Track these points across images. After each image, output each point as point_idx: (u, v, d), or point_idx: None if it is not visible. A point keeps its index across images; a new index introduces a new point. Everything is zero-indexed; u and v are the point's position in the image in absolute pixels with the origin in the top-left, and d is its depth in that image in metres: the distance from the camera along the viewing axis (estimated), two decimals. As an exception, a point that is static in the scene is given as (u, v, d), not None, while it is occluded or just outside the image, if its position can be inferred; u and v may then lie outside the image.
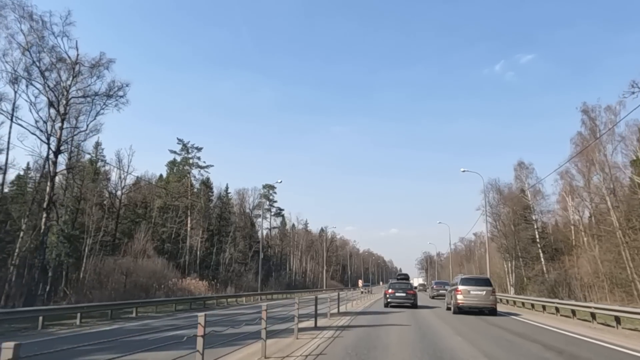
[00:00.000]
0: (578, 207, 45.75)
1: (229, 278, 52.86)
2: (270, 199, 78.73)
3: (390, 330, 13.05)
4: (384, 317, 18.33)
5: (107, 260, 34.33)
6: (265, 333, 8.03)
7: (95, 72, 22.09)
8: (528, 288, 44.94)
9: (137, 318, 19.09)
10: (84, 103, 22.74)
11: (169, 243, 47.43)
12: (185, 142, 55.71)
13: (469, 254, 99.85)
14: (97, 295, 29.66)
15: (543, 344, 10.75)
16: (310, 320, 14.01)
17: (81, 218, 39.46)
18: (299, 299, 11.16)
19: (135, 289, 32.60)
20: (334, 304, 18.49)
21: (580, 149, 39.43)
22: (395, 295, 25.28)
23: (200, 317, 5.62)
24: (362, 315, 19.23)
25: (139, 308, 20.81)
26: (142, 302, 22.22)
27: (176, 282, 33.22)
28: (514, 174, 50.25)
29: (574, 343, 11.23)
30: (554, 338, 12.16)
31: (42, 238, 21.50)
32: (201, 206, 54.82)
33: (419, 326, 14.49)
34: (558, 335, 12.84)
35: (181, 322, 16.37)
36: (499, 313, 20.92)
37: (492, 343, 10.92)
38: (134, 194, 48.18)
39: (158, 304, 23.09)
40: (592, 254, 36.59)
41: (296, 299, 11.19)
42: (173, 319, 18.20)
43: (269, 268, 73.26)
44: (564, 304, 20.89)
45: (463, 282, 21.10)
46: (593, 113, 38.70)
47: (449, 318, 18.50)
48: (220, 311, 22.71)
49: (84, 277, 33.69)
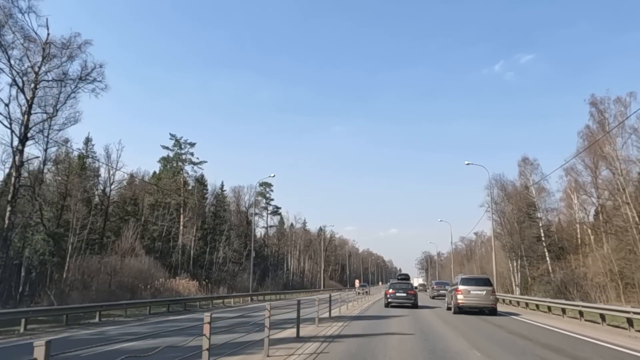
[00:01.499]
0: (584, 204, 44.13)
1: (222, 278, 51.11)
2: (267, 196, 77.03)
3: (389, 342, 10.65)
4: (382, 323, 15.96)
5: (91, 260, 32.59)
6: (207, 355, 5.94)
7: (66, 53, 20.26)
8: (533, 288, 43.26)
9: (99, 324, 16.86)
10: (55, 87, 20.90)
11: (160, 242, 45.65)
12: (177, 137, 53.98)
13: (469, 254, 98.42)
14: (79, 296, 27.95)
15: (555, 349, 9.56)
16: (294, 329, 11.87)
17: (67, 215, 37.71)
18: (269, 304, 9.16)
19: (121, 290, 30.88)
20: (325, 307, 16.57)
21: (589, 143, 37.74)
22: (396, 296, 25.34)
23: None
24: (358, 320, 16.87)
25: (111, 311, 18.95)
26: (107, 304, 19.82)
27: (164, 282, 31.44)
28: (518, 170, 48.57)
29: (577, 344, 10.43)
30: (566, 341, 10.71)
31: (6, 234, 19.64)
32: (194, 203, 53.05)
33: (424, 337, 11.81)
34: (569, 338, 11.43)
35: (145, 329, 14.41)
36: (500, 313, 20.84)
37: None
38: (124, 191, 46.45)
39: (128, 306, 20.81)
40: (602, 253, 34.90)
41: (267, 305, 9.00)
42: (138, 326, 16.03)
43: (266, 268, 71.51)
44: (572, 304, 19.89)
45: (463, 282, 21.18)
46: (602, 105, 37.07)
47: (455, 322, 16.80)
48: (199, 315, 20.68)
49: (66, 278, 31.93)
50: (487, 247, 78.95)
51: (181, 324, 15.49)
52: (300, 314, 11.49)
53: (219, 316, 18.03)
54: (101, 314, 18.16)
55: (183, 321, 17.16)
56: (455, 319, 17.44)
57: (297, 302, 11.30)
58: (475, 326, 15.25)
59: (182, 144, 53.68)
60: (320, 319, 14.61)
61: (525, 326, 15.64)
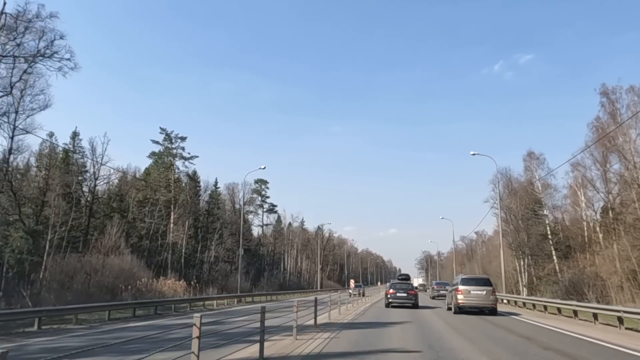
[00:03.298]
0: (591, 201, 42.10)
1: (215, 278, 49.03)
2: (262, 194, 74.92)
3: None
4: (380, 333, 12.85)
5: (70, 258, 30.50)
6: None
7: (22, 24, 18.16)
8: (539, 289, 41.23)
9: (38, 333, 14.25)
10: (11, 63, 18.81)
11: (148, 240, 43.53)
12: (168, 131, 51.80)
13: (470, 253, 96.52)
14: (55, 298, 25.88)
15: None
16: (271, 341, 9.43)
17: (48, 211, 35.64)
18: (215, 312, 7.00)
19: (100, 291, 28.79)
20: (311, 312, 14.19)
21: (599, 135, 35.71)
22: (397, 296, 25.32)
23: None
24: (350, 330, 13.40)
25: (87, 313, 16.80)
26: (48, 310, 17.13)
27: (147, 283, 29.34)
28: (524, 165, 46.50)
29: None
30: None
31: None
32: (186, 200, 50.96)
33: (435, 356, 8.86)
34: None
35: (83, 340, 11.70)
36: (501, 313, 20.70)
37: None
38: (111, 187, 44.37)
39: (95, 310, 18.45)
40: (611, 251, 32.85)
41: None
42: (78, 337, 13.00)
43: (261, 267, 69.45)
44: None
45: (463, 282, 21.22)
46: (613, 95, 34.98)
47: (462, 327, 14.74)
48: (169, 321, 18.26)
49: (43, 277, 29.87)
50: (488, 246, 77.05)
51: (133, 334, 13.18)
52: (280, 322, 9.36)
53: (183, 322, 15.06)
54: (41, 320, 15.56)
55: (140, 329, 14.68)
56: (467, 328, 15.14)
57: (261, 310, 7.92)
58: (494, 337, 13.17)
59: (173, 139, 51.55)
60: (303, 327, 11.94)
61: (546, 332, 13.59)
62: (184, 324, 14.62)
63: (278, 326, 10.64)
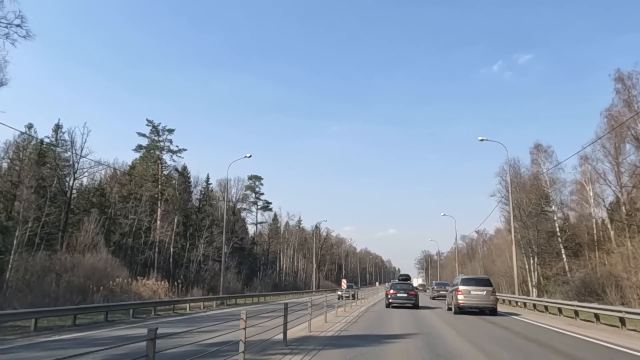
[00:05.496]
0: (602, 196, 39.62)
1: (204, 278, 46.45)
2: (256, 191, 72.27)
3: None
4: (373, 353, 9.18)
5: (38, 256, 27.94)
6: None
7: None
8: (548, 289, 38.73)
9: None
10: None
11: (130, 237, 40.91)
12: (155, 123, 49.14)
13: (471, 253, 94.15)
14: (14, 301, 23.29)
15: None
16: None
17: (19, 206, 33.04)
18: None
19: (71, 293, 26.18)
20: (297, 318, 11.43)
21: (612, 125, 33.21)
22: (397, 296, 25.54)
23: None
24: (331, 349, 9.51)
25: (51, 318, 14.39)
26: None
27: (121, 283, 26.74)
28: (530, 158, 43.96)
29: None
30: None
31: None
32: (175, 196, 48.37)
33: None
34: None
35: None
36: (501, 313, 21.08)
37: None
38: (91, 181, 41.79)
39: (35, 316, 15.77)
40: (630, 248, 30.34)
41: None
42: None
43: (256, 267, 66.85)
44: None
45: (464, 282, 21.22)
46: (629, 81, 32.45)
47: (470, 334, 12.19)
48: (118, 331, 14.78)
49: (8, 278, 27.28)
50: (490, 245, 74.67)
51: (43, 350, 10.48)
52: (240, 335, 6.72)
53: (136, 333, 12.35)
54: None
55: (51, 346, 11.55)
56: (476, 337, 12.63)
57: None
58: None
59: (160, 131, 48.87)
60: (267, 346, 8.61)
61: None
62: (134, 336, 11.94)
63: (229, 342, 7.61)
